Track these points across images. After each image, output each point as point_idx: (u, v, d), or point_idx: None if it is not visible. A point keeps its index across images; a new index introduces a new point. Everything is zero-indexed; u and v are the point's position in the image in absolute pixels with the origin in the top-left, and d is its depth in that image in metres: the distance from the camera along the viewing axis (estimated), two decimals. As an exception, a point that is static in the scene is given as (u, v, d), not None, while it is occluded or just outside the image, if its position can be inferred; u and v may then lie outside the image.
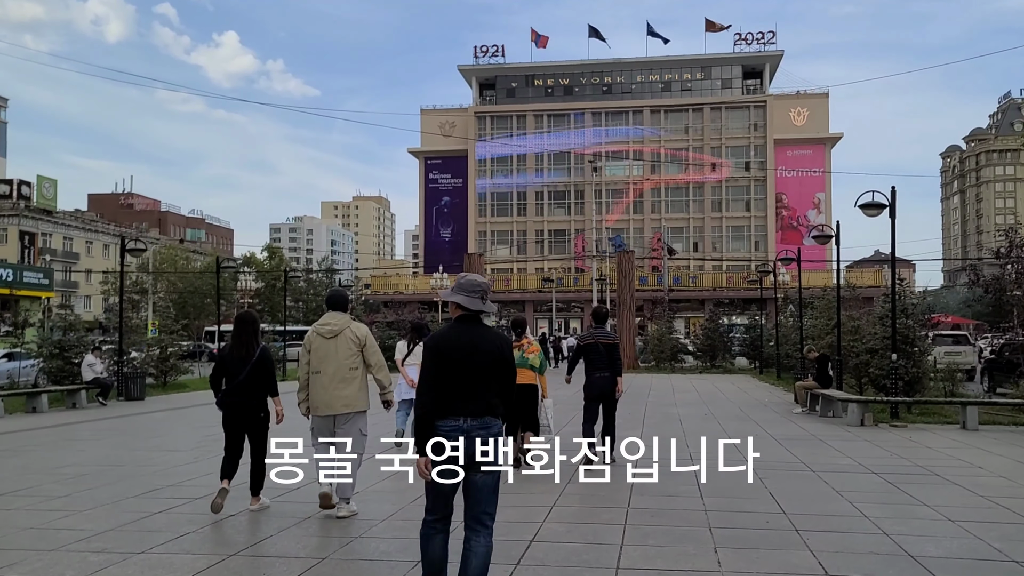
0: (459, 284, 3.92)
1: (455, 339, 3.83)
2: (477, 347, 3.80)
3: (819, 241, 15.87)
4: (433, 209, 78.93)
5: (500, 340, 3.93)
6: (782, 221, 73.56)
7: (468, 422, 3.72)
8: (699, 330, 33.42)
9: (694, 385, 21.95)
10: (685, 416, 13.52)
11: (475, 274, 4.06)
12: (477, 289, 3.89)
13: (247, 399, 6.21)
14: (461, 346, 3.80)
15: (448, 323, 4.00)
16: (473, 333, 3.84)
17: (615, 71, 77.61)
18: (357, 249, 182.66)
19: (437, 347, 3.83)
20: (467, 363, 3.77)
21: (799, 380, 15.51)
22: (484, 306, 3.89)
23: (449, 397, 3.75)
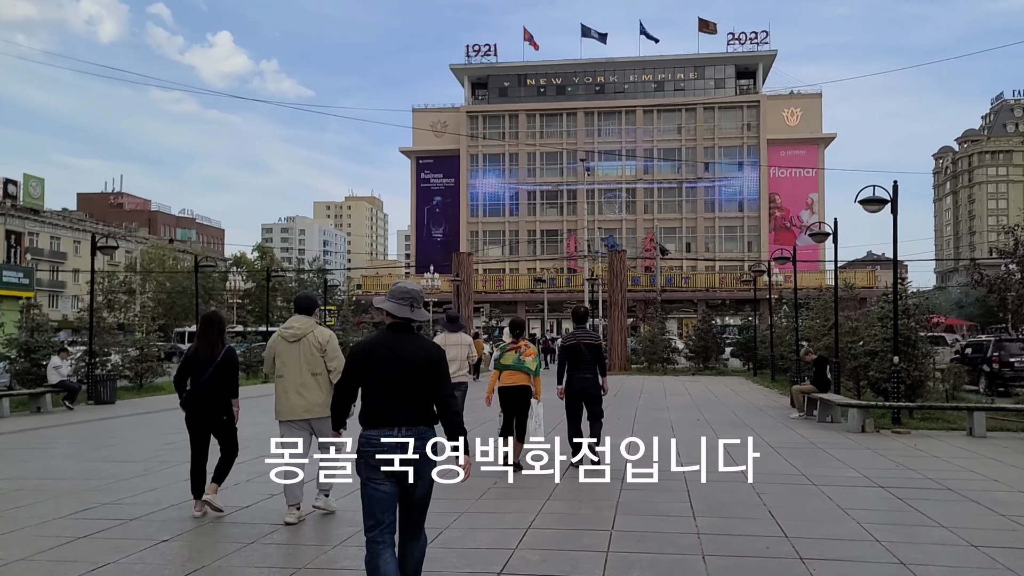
0: (390, 291, 3.90)
1: (381, 347, 3.79)
2: (404, 355, 3.75)
3: (816, 239, 15.26)
4: (425, 209, 78.28)
5: (430, 347, 3.86)
6: (775, 222, 73.17)
7: (401, 432, 3.67)
8: (692, 331, 32.82)
9: (686, 388, 21.33)
10: (677, 421, 12.88)
11: (409, 281, 4.04)
12: (406, 297, 3.85)
13: (211, 400, 6.15)
14: (388, 354, 3.76)
15: (377, 330, 4.00)
16: (401, 341, 3.80)
17: (608, 71, 77.07)
18: (350, 249, 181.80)
19: (362, 355, 3.80)
20: (395, 371, 3.73)
21: (796, 383, 14.88)
22: (412, 314, 3.84)
23: (380, 408, 3.70)
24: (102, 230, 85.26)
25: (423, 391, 3.76)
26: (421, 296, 3.93)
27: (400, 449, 3.64)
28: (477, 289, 67.90)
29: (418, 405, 3.74)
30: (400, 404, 3.71)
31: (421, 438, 3.69)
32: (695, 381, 24.43)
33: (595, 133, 75.45)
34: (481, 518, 6.09)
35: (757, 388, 21.41)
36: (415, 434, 3.68)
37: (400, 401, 3.71)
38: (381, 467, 3.64)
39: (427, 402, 3.78)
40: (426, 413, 3.76)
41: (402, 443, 3.64)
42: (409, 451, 3.65)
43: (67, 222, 79.69)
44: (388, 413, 3.69)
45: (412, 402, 3.73)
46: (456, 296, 30.00)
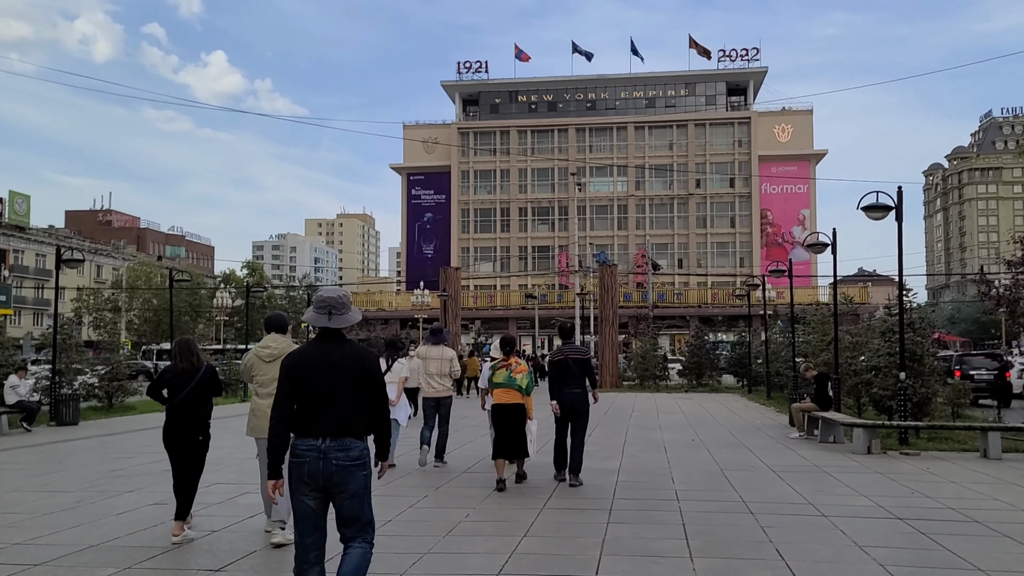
0: (312, 301, 3.79)
1: (309, 357, 3.68)
2: (333, 364, 3.65)
3: (814, 250, 14.58)
4: (416, 225, 77.62)
5: (361, 356, 3.72)
6: (767, 238, 72.79)
7: (325, 442, 3.59)
8: (685, 347, 32.10)
9: (680, 405, 20.56)
10: (671, 443, 12.10)
11: (331, 288, 3.94)
12: (323, 305, 3.73)
13: (188, 419, 6.01)
14: (314, 364, 3.65)
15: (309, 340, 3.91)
16: (330, 350, 3.70)
17: (599, 87, 76.89)
18: (341, 266, 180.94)
19: (290, 365, 3.68)
20: (322, 381, 3.63)
21: (795, 401, 14.12)
22: (330, 322, 3.71)
23: (305, 417, 3.62)
24: (89, 247, 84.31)
25: (351, 400, 3.65)
26: (340, 301, 3.76)
27: (320, 459, 3.55)
28: (468, 306, 67.38)
29: (345, 414, 3.62)
30: (325, 414, 3.61)
31: (344, 448, 3.59)
32: (688, 398, 23.67)
33: (586, 149, 75.12)
34: (444, 560, 5.29)
35: (753, 406, 20.66)
36: (339, 445, 3.58)
37: (325, 411, 3.61)
38: (305, 479, 3.56)
39: (356, 411, 3.66)
40: (354, 423, 3.64)
41: (326, 452, 3.55)
42: (331, 462, 3.55)
43: (53, 239, 78.72)
44: (313, 423, 3.61)
45: (339, 412, 3.61)
46: (444, 311, 29.21)
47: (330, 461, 3.56)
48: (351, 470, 3.58)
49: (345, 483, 3.56)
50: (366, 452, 3.67)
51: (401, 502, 7.29)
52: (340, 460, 3.56)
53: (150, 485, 8.29)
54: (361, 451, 3.64)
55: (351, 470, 3.58)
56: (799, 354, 18.79)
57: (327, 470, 3.56)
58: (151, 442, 12.57)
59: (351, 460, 3.58)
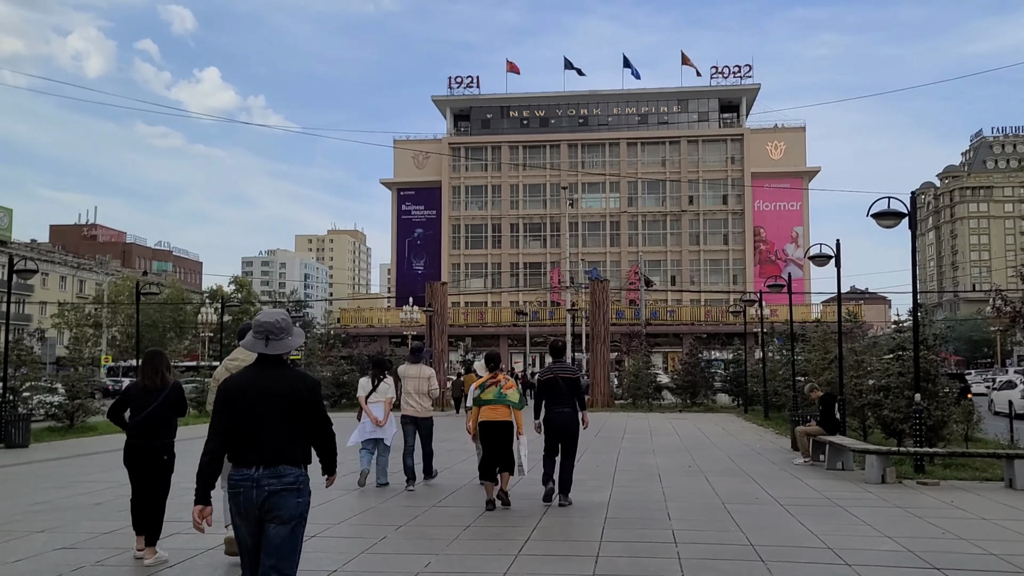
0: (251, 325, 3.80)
1: (242, 383, 3.63)
2: (268, 391, 3.58)
3: (817, 262, 13.66)
4: (406, 241, 76.75)
5: (299, 383, 3.64)
6: (760, 255, 72.21)
7: (259, 471, 3.50)
8: (678, 365, 31.15)
9: (674, 426, 19.58)
10: (665, 469, 11.10)
11: (270, 312, 3.75)
12: (261, 330, 3.65)
13: (151, 438, 5.80)
14: (247, 390, 3.59)
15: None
16: (266, 376, 3.63)
17: (591, 103, 76.46)
18: (331, 283, 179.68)
19: (223, 392, 3.65)
20: (256, 408, 3.56)
21: (797, 423, 13.14)
22: (266, 348, 3.62)
23: (240, 445, 3.55)
24: (72, 262, 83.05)
25: (289, 427, 3.56)
26: (279, 326, 3.62)
27: (253, 488, 3.47)
28: (458, 323, 66.48)
29: (280, 442, 3.53)
30: (258, 442, 3.52)
31: (278, 476, 3.50)
32: (683, 419, 22.68)
33: (578, 165, 74.50)
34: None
35: (750, 427, 19.68)
36: (272, 472, 3.49)
37: (259, 439, 3.52)
38: (240, 511, 3.49)
39: (293, 439, 3.57)
40: (289, 450, 3.55)
41: (259, 481, 3.47)
42: (264, 488, 3.46)
43: (35, 253, 77.47)
44: (247, 451, 3.53)
45: (272, 440, 3.52)
46: (429, 328, 28.19)
47: (263, 488, 3.47)
48: (283, 494, 3.47)
49: (277, 507, 3.46)
50: (302, 479, 3.56)
51: (359, 543, 6.35)
52: (273, 485, 3.47)
53: (68, 524, 7.25)
54: (296, 477, 3.53)
55: (283, 494, 3.47)
56: (799, 373, 17.86)
57: (259, 497, 3.47)
58: (98, 468, 11.54)
59: (284, 485, 3.49)
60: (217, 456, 3.57)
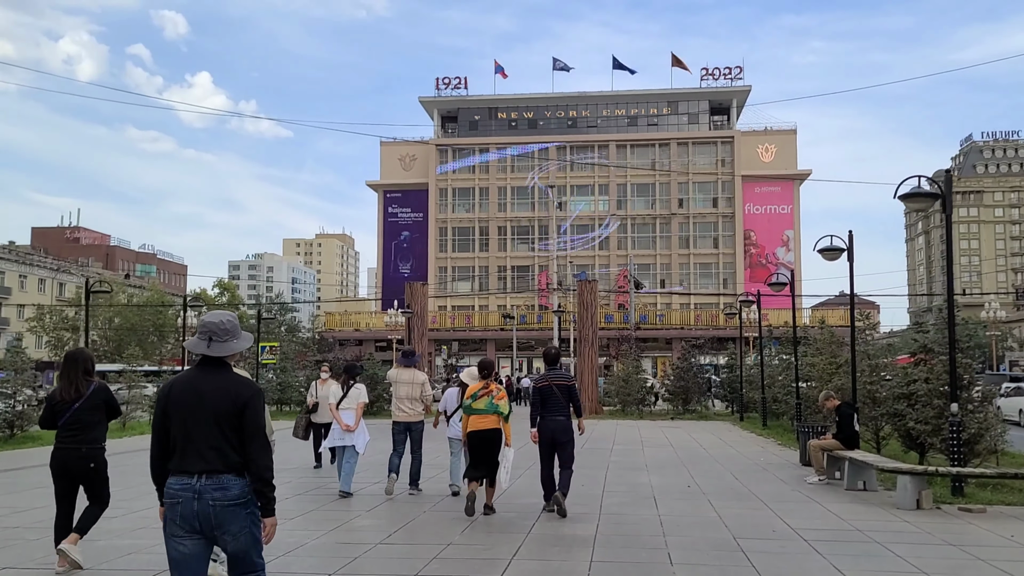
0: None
1: (181, 386, 3.50)
2: (204, 395, 3.43)
3: (828, 256, 12.33)
4: (392, 244, 75.34)
5: (237, 386, 3.48)
6: (751, 259, 71.18)
7: (201, 481, 3.34)
8: (669, 369, 29.81)
9: (667, 436, 18.22)
10: (661, 490, 9.72)
11: (218, 312, 3.58)
12: (204, 330, 3.51)
13: (76, 445, 5.55)
14: (185, 394, 3.46)
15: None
16: (207, 379, 3.49)
17: (580, 105, 75.27)
18: (319, 287, 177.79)
19: (161, 394, 3.55)
20: (192, 413, 3.41)
21: (809, 436, 11.76)
22: (208, 349, 3.49)
23: (180, 452, 3.41)
24: (51, 264, 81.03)
25: (229, 434, 3.40)
26: (223, 327, 3.50)
27: (195, 499, 3.32)
28: (445, 327, 65.10)
29: (222, 450, 3.37)
30: (200, 449, 3.37)
31: (222, 487, 3.34)
32: (675, 427, 21.34)
33: (567, 167, 73.24)
34: None
35: (749, 436, 18.35)
36: (215, 483, 3.34)
37: (201, 446, 3.37)
38: (178, 521, 3.34)
39: (235, 447, 3.40)
40: (233, 460, 3.39)
41: (201, 492, 3.33)
42: (208, 503, 3.32)
43: (13, 256, 75.52)
44: (187, 457, 3.39)
45: (215, 446, 3.37)
46: (408, 331, 26.73)
47: (206, 502, 3.32)
48: (232, 510, 3.34)
49: (227, 524, 3.34)
50: (247, 490, 3.40)
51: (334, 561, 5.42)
52: (218, 501, 3.33)
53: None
54: (242, 489, 3.39)
55: (232, 510, 3.34)
56: (803, 378, 16.53)
57: (203, 511, 3.33)
58: (25, 485, 10.14)
59: (230, 500, 3.35)
60: (158, 458, 3.48)
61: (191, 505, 3.29)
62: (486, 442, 7.67)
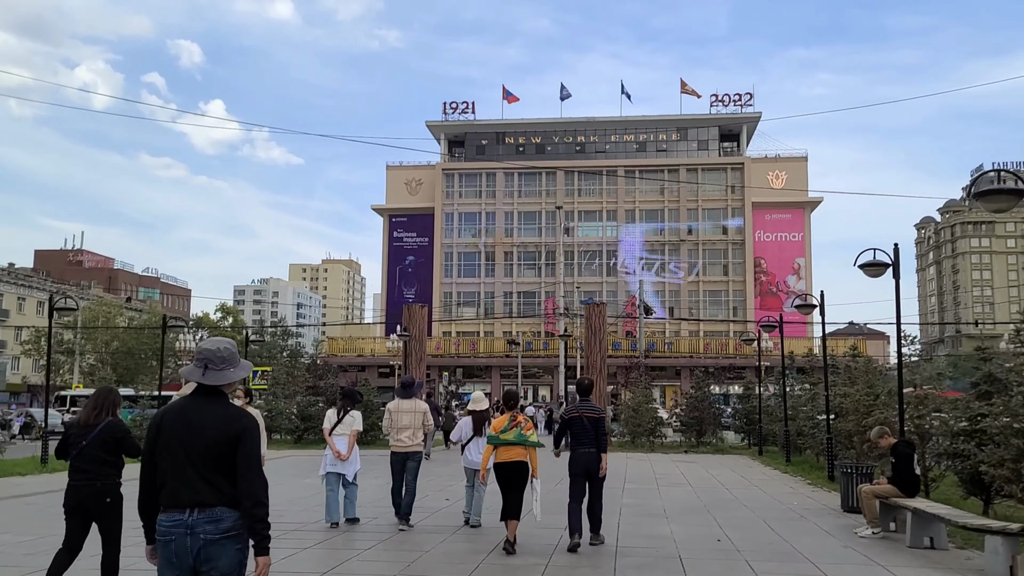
0: None
1: (176, 416, 3.36)
2: (199, 425, 3.29)
3: (870, 272, 10.86)
4: (397, 268, 74.23)
5: (231, 417, 3.34)
6: (761, 287, 69.72)
7: (193, 515, 3.20)
8: (682, 399, 28.21)
9: (683, 472, 16.65)
10: (687, 546, 8.18)
11: (214, 339, 3.48)
12: (200, 358, 3.40)
13: (90, 480, 5.35)
14: (179, 422, 3.32)
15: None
16: (200, 409, 3.35)
17: (588, 130, 74.45)
18: (324, 312, 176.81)
19: (155, 424, 3.40)
20: (184, 442, 3.27)
21: (859, 478, 10.18)
22: (203, 377, 3.37)
23: (171, 485, 3.26)
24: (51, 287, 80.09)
25: (222, 466, 3.24)
26: (219, 355, 3.38)
27: (187, 535, 3.19)
28: (449, 353, 63.60)
29: (214, 482, 3.23)
30: (192, 482, 3.22)
31: (215, 520, 3.21)
32: (691, 462, 19.75)
33: (575, 193, 72.20)
34: None
35: (772, 473, 16.76)
36: (208, 517, 3.21)
37: (192, 478, 3.22)
38: (172, 560, 3.20)
39: (228, 479, 3.25)
40: (226, 492, 3.24)
41: (193, 527, 3.20)
42: (199, 536, 3.19)
43: (12, 278, 74.66)
44: (179, 492, 3.23)
45: (207, 479, 3.23)
46: (405, 355, 25.25)
47: (198, 536, 3.19)
48: (222, 543, 3.20)
49: (214, 558, 3.18)
50: (240, 524, 3.24)
51: None
52: (209, 534, 3.19)
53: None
54: (235, 522, 3.23)
55: (222, 543, 3.20)
56: (834, 410, 14.96)
57: (194, 546, 3.19)
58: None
59: (222, 532, 3.21)
60: (147, 491, 3.35)
61: (184, 542, 3.15)
62: (515, 474, 7.65)
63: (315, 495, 11.50)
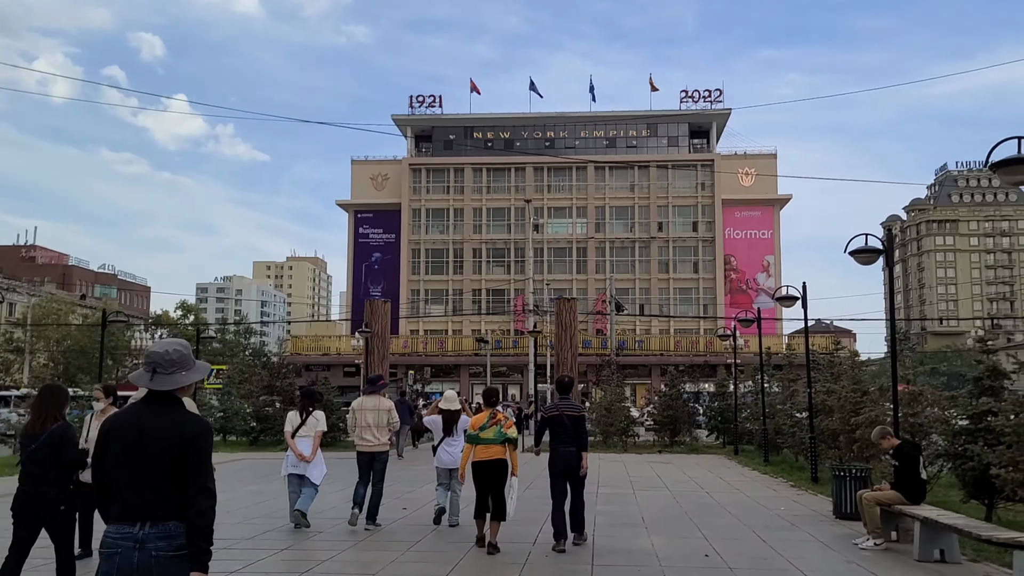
0: None
1: (121, 421, 3.19)
2: (150, 432, 3.08)
3: (862, 259, 10.03)
4: (363, 265, 72.72)
5: (183, 422, 3.12)
6: (731, 284, 69.52)
7: (145, 529, 2.98)
8: (654, 396, 27.44)
9: (659, 474, 15.79)
10: (670, 564, 7.21)
11: (164, 341, 3.30)
12: (148, 362, 3.20)
13: (39, 486, 5.24)
14: (130, 431, 3.12)
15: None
16: (151, 415, 3.14)
17: (558, 125, 73.58)
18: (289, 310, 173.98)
19: (102, 430, 3.23)
20: (137, 452, 3.07)
21: (851, 481, 9.34)
22: (151, 383, 3.15)
23: (121, 496, 3.06)
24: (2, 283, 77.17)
25: (175, 476, 3.05)
26: (168, 358, 3.15)
27: (136, 550, 2.97)
28: (416, 351, 62.33)
29: (167, 494, 3.03)
30: (143, 493, 3.03)
31: (168, 536, 2.99)
32: (666, 462, 18.90)
33: (544, 189, 71.37)
34: None
35: (752, 475, 15.95)
36: (161, 532, 2.99)
37: (143, 489, 3.03)
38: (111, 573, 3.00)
39: (179, 490, 3.04)
40: (180, 504, 3.03)
41: (144, 542, 2.97)
42: (149, 552, 2.96)
43: (-41, 274, 71.84)
44: (129, 504, 3.03)
45: (159, 490, 3.03)
46: (367, 353, 24.09)
47: (148, 552, 2.97)
48: (175, 562, 2.97)
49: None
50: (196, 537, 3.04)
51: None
52: (161, 551, 2.97)
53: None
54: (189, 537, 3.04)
55: (175, 562, 2.97)
56: (817, 407, 14.20)
57: (143, 563, 2.96)
58: None
59: (175, 550, 2.98)
60: (103, 500, 3.14)
61: (130, 557, 2.94)
62: (494, 472, 7.54)
63: (258, 504, 10.49)
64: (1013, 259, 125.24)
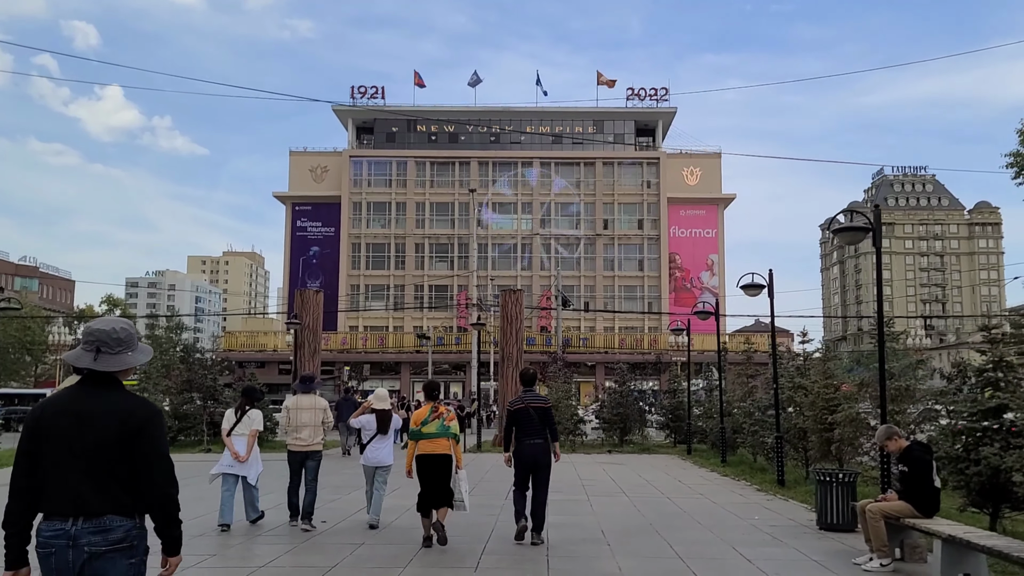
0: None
1: (56, 407, 2.85)
2: (85, 418, 2.77)
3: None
4: (300, 259, 70.09)
5: (130, 406, 2.82)
6: (675, 282, 69.33)
7: (78, 525, 2.71)
8: (602, 394, 26.30)
9: (612, 477, 14.52)
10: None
11: (108, 319, 2.99)
12: (91, 340, 2.88)
13: None
14: (62, 417, 2.80)
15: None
16: (90, 400, 2.82)
17: (504, 120, 72.16)
18: (225, 306, 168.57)
19: (30, 418, 2.86)
20: (73, 442, 2.77)
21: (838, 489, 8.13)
22: (95, 363, 2.85)
23: (51, 489, 2.77)
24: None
25: (116, 466, 2.77)
26: (114, 336, 2.84)
27: (70, 548, 2.70)
28: (356, 348, 60.21)
29: (105, 486, 2.76)
30: (78, 486, 2.74)
31: (102, 530, 2.73)
32: (617, 463, 17.68)
33: (489, 184, 69.91)
34: None
35: (711, 476, 14.81)
36: (94, 526, 2.72)
37: (79, 481, 2.75)
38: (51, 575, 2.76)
39: (121, 481, 2.78)
40: (119, 497, 2.77)
41: (77, 539, 2.71)
42: (83, 549, 2.70)
43: None
44: (60, 497, 2.75)
45: (97, 482, 2.75)
46: (297, 347, 22.26)
47: (81, 549, 2.71)
48: (110, 558, 2.71)
49: (101, 575, 2.71)
50: (134, 533, 2.79)
51: None
52: (95, 546, 2.71)
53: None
54: (127, 532, 2.77)
55: (110, 558, 2.71)
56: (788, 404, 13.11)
57: (78, 560, 2.71)
58: None
59: (109, 544, 2.72)
60: (19, 510, 2.76)
61: (65, 555, 2.70)
62: (439, 467, 7.46)
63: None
64: (945, 262, 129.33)
